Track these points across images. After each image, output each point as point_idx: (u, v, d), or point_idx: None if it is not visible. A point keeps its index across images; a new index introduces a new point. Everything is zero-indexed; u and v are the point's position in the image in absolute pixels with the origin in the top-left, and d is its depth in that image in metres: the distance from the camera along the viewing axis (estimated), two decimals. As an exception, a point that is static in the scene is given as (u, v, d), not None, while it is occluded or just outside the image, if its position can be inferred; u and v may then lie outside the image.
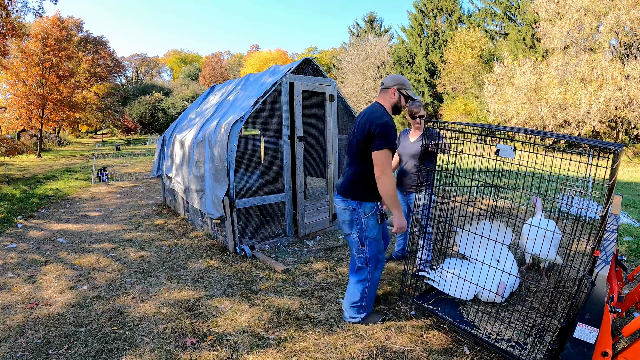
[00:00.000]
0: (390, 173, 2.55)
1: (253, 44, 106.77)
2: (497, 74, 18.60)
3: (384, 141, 2.51)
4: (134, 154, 17.20)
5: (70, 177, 11.29)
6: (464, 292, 2.86)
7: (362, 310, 2.86)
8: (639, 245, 4.61)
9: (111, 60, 39.73)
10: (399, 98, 2.71)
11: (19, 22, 14.76)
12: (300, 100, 4.71)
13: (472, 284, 2.84)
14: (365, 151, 2.62)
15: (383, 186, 2.56)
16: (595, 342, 1.88)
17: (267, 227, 4.75)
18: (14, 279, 3.83)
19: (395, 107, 2.73)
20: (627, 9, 13.98)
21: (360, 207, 2.69)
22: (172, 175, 6.13)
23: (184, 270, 4.02)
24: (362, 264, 2.78)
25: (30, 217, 6.41)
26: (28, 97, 18.48)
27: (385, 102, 2.73)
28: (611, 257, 2.10)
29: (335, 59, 37.90)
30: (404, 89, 2.71)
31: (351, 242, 2.79)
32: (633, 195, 8.07)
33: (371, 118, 2.58)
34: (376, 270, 2.81)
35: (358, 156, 2.67)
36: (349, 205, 2.70)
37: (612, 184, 2.00)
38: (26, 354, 2.58)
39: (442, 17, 29.27)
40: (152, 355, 2.55)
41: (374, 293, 2.86)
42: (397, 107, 2.73)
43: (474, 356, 2.51)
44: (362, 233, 2.72)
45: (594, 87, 14.50)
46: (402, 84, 2.71)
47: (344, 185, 2.73)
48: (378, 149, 2.52)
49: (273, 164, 4.72)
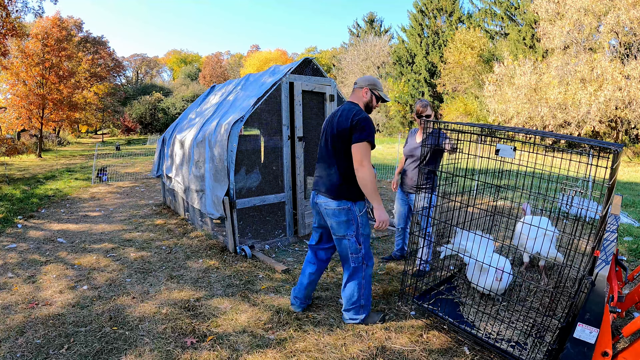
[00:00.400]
0: (369, 165, 2.56)
1: (253, 44, 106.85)
2: (497, 74, 18.61)
3: (364, 134, 2.54)
4: (134, 154, 17.20)
5: (70, 177, 11.29)
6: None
7: (361, 310, 2.85)
8: (639, 245, 4.61)
9: (111, 60, 39.75)
10: (370, 98, 2.78)
11: (19, 22, 14.75)
12: (300, 100, 4.71)
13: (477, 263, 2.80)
14: (345, 149, 2.64)
15: (362, 178, 2.56)
16: (595, 342, 1.88)
17: (267, 227, 4.75)
18: (14, 279, 3.83)
19: (367, 106, 2.79)
20: (627, 9, 13.98)
21: (355, 205, 2.69)
22: (172, 175, 6.13)
23: (184, 270, 4.02)
24: (359, 264, 2.75)
25: (30, 217, 6.41)
26: (28, 97, 18.49)
27: (358, 101, 2.78)
28: (611, 257, 2.10)
29: (335, 59, 37.92)
30: (375, 89, 2.78)
31: (345, 244, 2.72)
32: (633, 195, 8.07)
33: (351, 114, 2.62)
34: (368, 268, 2.80)
35: (340, 155, 2.66)
36: (344, 205, 2.66)
37: (612, 184, 2.00)
38: (26, 354, 2.58)
39: (442, 17, 29.28)
40: (152, 355, 2.55)
41: (370, 291, 2.85)
42: (368, 106, 2.81)
43: (474, 356, 2.51)
44: (359, 232, 2.71)
45: (594, 87, 14.50)
46: (374, 84, 2.79)
47: (333, 186, 2.68)
48: (358, 141, 2.55)
49: (273, 164, 4.72)
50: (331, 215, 2.70)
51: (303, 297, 3.04)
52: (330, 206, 2.68)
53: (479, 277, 2.91)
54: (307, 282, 2.97)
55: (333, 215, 2.69)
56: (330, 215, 2.70)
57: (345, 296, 2.85)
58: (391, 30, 43.48)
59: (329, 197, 2.68)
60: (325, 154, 2.76)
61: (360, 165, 2.55)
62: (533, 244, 3.26)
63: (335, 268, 4.04)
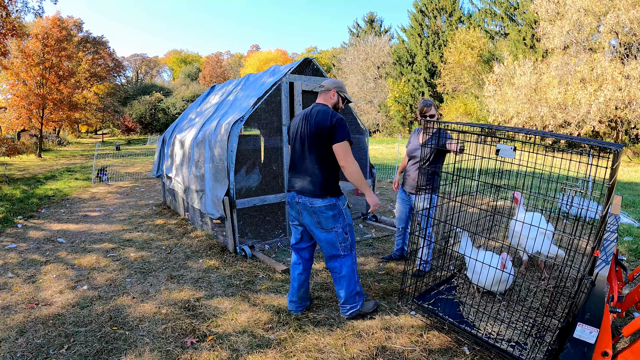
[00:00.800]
0: (352, 159, 2.73)
1: (253, 44, 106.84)
2: (497, 74, 18.60)
3: (344, 133, 2.70)
4: (134, 154, 17.20)
5: (70, 177, 11.29)
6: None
7: (358, 297, 2.97)
8: (639, 245, 4.61)
9: (111, 60, 39.75)
10: (337, 99, 2.94)
11: (18, 22, 14.74)
12: (300, 100, 4.71)
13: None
14: (325, 148, 2.75)
15: (351, 173, 2.73)
16: (595, 342, 1.88)
17: (267, 227, 4.75)
18: (14, 279, 3.83)
19: (335, 107, 2.95)
20: (627, 9, 13.98)
21: (339, 200, 2.85)
22: (172, 175, 6.13)
23: (184, 270, 4.02)
24: (347, 251, 2.89)
25: (30, 217, 6.41)
26: (28, 97, 18.48)
27: (327, 103, 2.93)
28: (611, 257, 2.10)
29: (335, 59, 37.90)
30: (342, 91, 2.94)
31: (333, 236, 2.83)
32: (633, 195, 8.07)
33: (328, 115, 2.76)
34: (354, 252, 2.97)
35: (320, 153, 2.77)
36: (330, 201, 2.79)
37: (612, 184, 2.01)
38: (26, 354, 2.58)
39: (442, 17, 29.27)
40: (152, 355, 2.55)
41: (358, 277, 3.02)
42: (336, 107, 2.95)
43: (474, 356, 2.51)
44: (345, 222, 2.87)
45: (593, 87, 14.49)
46: (340, 87, 2.94)
47: (315, 186, 2.78)
48: (339, 141, 2.70)
49: (273, 164, 4.72)
50: (318, 213, 2.80)
51: (298, 299, 3.09)
52: (316, 204, 2.78)
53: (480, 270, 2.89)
54: (297, 284, 3.05)
55: (320, 212, 2.79)
56: (317, 212, 2.80)
57: (342, 288, 2.92)
58: (391, 30, 43.50)
59: (315, 196, 2.78)
60: (301, 154, 2.87)
61: (346, 162, 2.71)
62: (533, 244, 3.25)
63: (335, 268, 4.04)
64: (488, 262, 2.87)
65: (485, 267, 2.86)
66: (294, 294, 3.07)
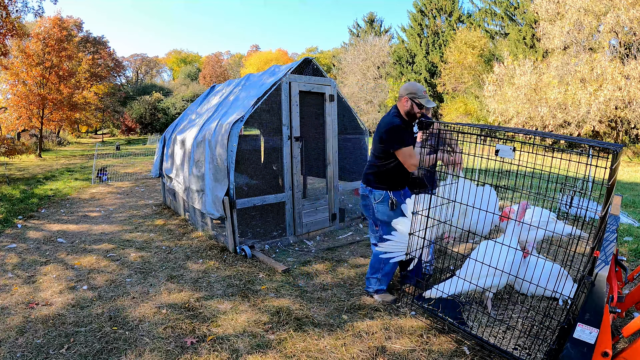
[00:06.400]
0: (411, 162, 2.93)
1: (253, 44, 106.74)
2: (497, 74, 18.59)
3: (397, 143, 2.90)
4: (133, 154, 17.20)
5: (70, 177, 11.29)
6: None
7: (377, 283, 3.21)
8: (639, 245, 4.61)
9: (111, 60, 39.71)
10: (411, 105, 2.96)
11: (19, 22, 14.73)
12: (297, 100, 4.71)
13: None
14: (376, 148, 3.07)
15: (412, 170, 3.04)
16: (595, 342, 1.88)
17: (267, 227, 4.75)
18: (13, 279, 3.83)
19: (408, 114, 2.99)
20: (627, 9, 13.97)
21: (371, 193, 3.13)
22: (172, 176, 6.13)
23: (184, 271, 4.02)
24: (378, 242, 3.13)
25: (30, 217, 6.41)
26: (28, 97, 18.47)
27: (400, 109, 3.04)
28: (611, 257, 2.10)
29: (335, 59, 37.89)
30: (416, 97, 2.94)
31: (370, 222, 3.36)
32: (633, 195, 8.07)
33: (381, 123, 3.02)
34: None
35: (373, 151, 3.14)
36: (364, 192, 3.21)
37: (612, 184, 2.00)
38: (26, 354, 2.59)
39: (442, 17, 29.27)
40: (152, 356, 2.55)
41: (388, 271, 3.17)
42: (409, 113, 2.99)
43: (474, 356, 2.51)
44: (375, 216, 3.17)
45: (593, 87, 14.48)
46: (412, 92, 2.94)
47: (363, 174, 3.24)
48: (395, 149, 2.94)
49: (273, 164, 4.72)
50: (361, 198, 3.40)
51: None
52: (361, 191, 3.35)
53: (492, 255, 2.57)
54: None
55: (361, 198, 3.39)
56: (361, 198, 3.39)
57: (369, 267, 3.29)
58: (391, 30, 43.43)
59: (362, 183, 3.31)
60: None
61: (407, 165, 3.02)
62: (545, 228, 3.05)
63: (336, 268, 4.04)
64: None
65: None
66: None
